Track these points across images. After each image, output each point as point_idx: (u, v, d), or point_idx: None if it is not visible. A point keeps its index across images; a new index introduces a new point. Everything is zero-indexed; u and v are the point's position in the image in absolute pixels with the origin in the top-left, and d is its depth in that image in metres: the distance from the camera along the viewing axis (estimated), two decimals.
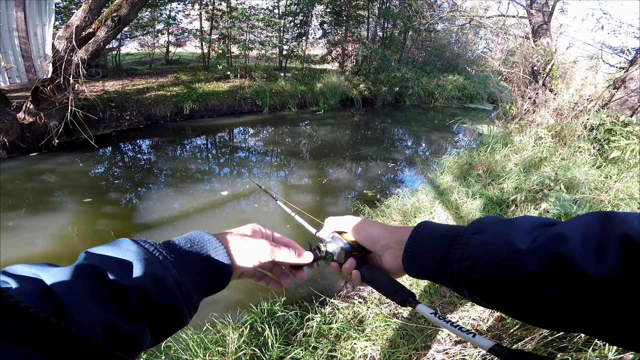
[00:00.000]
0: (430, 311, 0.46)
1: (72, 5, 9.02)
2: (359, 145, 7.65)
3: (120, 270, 0.37)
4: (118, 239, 0.42)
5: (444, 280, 0.45)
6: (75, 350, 0.28)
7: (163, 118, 8.08)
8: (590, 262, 0.32)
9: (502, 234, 0.40)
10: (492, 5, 14.93)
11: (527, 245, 0.37)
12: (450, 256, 0.44)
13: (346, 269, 0.57)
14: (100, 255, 0.39)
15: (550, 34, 6.77)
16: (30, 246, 3.30)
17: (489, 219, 0.44)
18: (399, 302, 0.50)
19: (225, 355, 1.92)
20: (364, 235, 0.56)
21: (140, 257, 0.40)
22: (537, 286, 0.35)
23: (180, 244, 0.46)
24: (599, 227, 0.34)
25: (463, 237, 0.44)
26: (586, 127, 4.65)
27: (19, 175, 4.82)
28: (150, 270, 0.39)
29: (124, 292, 0.36)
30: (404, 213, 3.55)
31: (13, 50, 4.92)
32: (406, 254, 0.49)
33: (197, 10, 11.45)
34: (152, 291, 0.37)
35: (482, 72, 18.30)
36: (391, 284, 0.52)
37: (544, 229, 0.38)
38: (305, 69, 12.56)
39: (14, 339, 0.25)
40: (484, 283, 0.40)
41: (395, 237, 0.53)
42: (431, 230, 0.49)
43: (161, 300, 0.38)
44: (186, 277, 0.42)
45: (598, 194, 3.16)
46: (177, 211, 4.18)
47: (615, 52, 6.46)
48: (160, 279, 0.39)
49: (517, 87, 6.61)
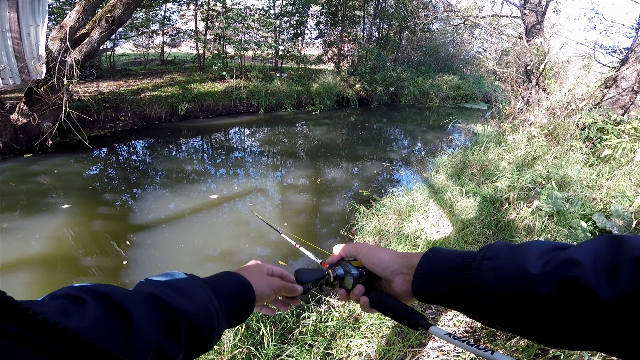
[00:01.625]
0: (445, 332, 0.47)
1: (65, 6, 8.97)
2: (355, 145, 7.68)
3: (181, 298, 0.43)
4: (171, 271, 0.50)
5: (456, 305, 0.47)
6: (76, 352, 0.28)
7: (158, 119, 8.05)
8: (604, 284, 0.33)
9: (514, 260, 0.42)
10: (486, 5, 15.02)
11: (538, 270, 0.38)
12: (462, 281, 0.45)
13: (354, 295, 0.58)
14: (161, 282, 0.45)
15: (543, 34, 6.83)
16: (25, 248, 3.28)
17: (499, 245, 0.46)
18: (411, 326, 0.51)
19: (221, 353, 1.92)
20: (374, 261, 0.57)
21: (195, 289, 0.47)
22: (550, 309, 0.37)
23: (222, 282, 0.53)
24: (610, 251, 0.35)
25: (474, 263, 0.45)
26: (578, 126, 4.70)
27: (12, 177, 4.79)
28: (202, 302, 0.45)
29: (177, 319, 0.41)
30: (399, 212, 3.57)
31: (6, 51, 4.89)
32: (417, 279, 0.50)
33: (192, 11, 11.43)
34: (201, 320, 0.43)
35: (476, 71, 18.43)
36: (402, 308, 0.53)
37: (554, 253, 0.40)
38: (301, 69, 12.56)
39: (11, 339, 0.25)
40: (496, 307, 0.42)
41: (405, 263, 0.54)
42: (441, 256, 0.50)
43: (205, 328, 0.44)
44: (223, 310, 0.49)
45: (590, 192, 3.20)
46: (173, 212, 4.17)
47: (607, 52, 6.54)
48: (209, 310, 0.45)
49: (510, 86, 6.67)
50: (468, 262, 0.46)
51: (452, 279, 0.47)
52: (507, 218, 3.01)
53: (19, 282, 2.85)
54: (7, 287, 2.70)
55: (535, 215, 2.84)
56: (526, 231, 2.82)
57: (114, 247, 3.38)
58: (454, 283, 0.46)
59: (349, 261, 0.61)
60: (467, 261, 0.46)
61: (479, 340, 1.95)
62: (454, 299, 0.47)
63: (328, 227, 4.05)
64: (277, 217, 4.19)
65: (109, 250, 3.34)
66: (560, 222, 2.79)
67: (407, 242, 3.05)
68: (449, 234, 3.05)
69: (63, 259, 3.19)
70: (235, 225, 3.96)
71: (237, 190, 4.90)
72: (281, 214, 4.26)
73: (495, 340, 1.91)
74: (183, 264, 3.22)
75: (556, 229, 2.70)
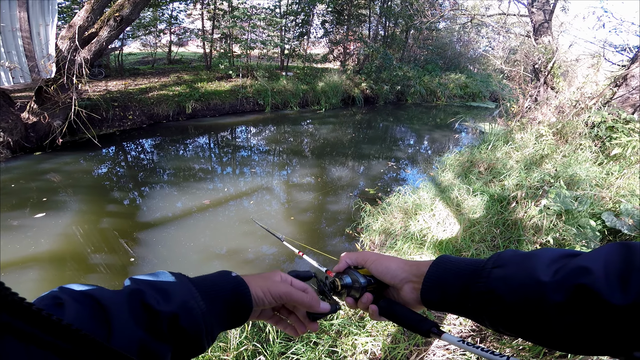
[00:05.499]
0: (458, 339, 0.47)
1: (74, 5, 9.07)
2: (361, 144, 7.66)
3: (158, 296, 0.43)
4: (158, 271, 0.49)
5: (466, 312, 0.47)
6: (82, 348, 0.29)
7: (165, 117, 8.12)
8: (616, 292, 0.33)
9: (524, 268, 0.42)
10: (493, 4, 14.90)
11: (549, 278, 0.39)
12: (472, 290, 0.45)
13: (362, 303, 0.57)
14: (144, 281, 0.45)
15: (551, 32, 6.75)
16: (34, 245, 3.33)
17: (508, 253, 0.46)
18: (423, 334, 0.51)
19: (227, 350, 1.94)
20: (382, 269, 0.57)
21: (176, 288, 0.45)
22: (561, 316, 0.37)
23: (210, 280, 0.51)
24: (621, 259, 0.36)
25: (484, 272, 0.45)
26: (587, 125, 4.64)
27: (23, 174, 4.86)
28: (183, 299, 0.44)
29: (159, 316, 0.41)
30: (405, 210, 3.56)
31: (17, 50, 4.96)
32: (426, 286, 0.51)
33: (198, 10, 11.49)
34: (181, 317, 0.42)
35: (484, 70, 18.28)
36: (412, 316, 0.53)
37: (565, 260, 0.40)
38: (306, 68, 12.57)
39: (15, 335, 0.25)
40: (507, 315, 0.42)
41: (414, 271, 0.54)
42: (450, 264, 0.50)
43: (186, 326, 0.43)
44: (212, 310, 0.47)
45: (599, 191, 3.16)
46: (180, 210, 4.20)
47: (616, 50, 6.44)
48: (189, 308, 0.44)
49: (518, 85, 6.61)
50: (478, 271, 0.46)
51: (462, 287, 0.47)
52: (515, 217, 2.99)
53: (29, 279, 2.89)
54: (17, 283, 2.75)
55: (543, 214, 2.81)
56: (534, 230, 2.79)
57: (122, 244, 3.42)
58: (463, 291, 0.46)
59: (355, 269, 0.60)
60: (477, 269, 0.46)
61: (486, 339, 1.94)
62: (463, 307, 0.47)
63: (334, 225, 4.05)
64: (283, 214, 4.20)
65: (117, 248, 3.38)
66: (568, 221, 2.76)
67: (413, 241, 3.04)
68: (455, 233, 3.03)
69: (71, 256, 3.23)
70: (241, 223, 3.97)
71: (244, 188, 4.92)
72: (287, 212, 4.27)
73: (502, 339, 1.90)
74: (190, 262, 3.24)
75: (564, 227, 2.67)
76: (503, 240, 2.84)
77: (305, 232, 3.83)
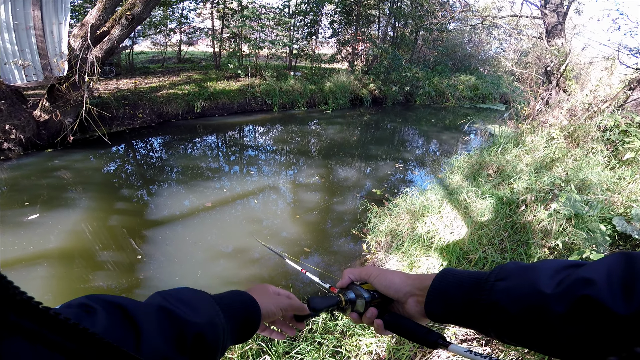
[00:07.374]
0: (465, 349, 0.48)
1: (87, 4, 9.19)
2: (368, 145, 7.64)
3: (188, 310, 0.44)
4: (180, 287, 0.51)
5: (470, 324, 0.48)
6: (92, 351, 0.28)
7: (175, 116, 8.18)
8: (620, 301, 0.34)
9: (526, 280, 0.43)
10: (505, 5, 14.74)
11: (552, 290, 0.39)
12: (475, 302, 0.46)
13: (367, 318, 0.58)
14: (172, 296, 0.46)
15: (564, 35, 6.66)
16: (44, 242, 3.38)
17: (511, 265, 0.47)
18: (430, 345, 0.51)
19: (232, 350, 1.94)
20: (386, 284, 0.58)
21: (203, 303, 0.48)
22: (565, 327, 0.37)
23: (227, 297, 0.54)
24: (624, 268, 0.36)
25: (487, 284, 0.46)
26: (600, 128, 4.56)
27: (34, 171, 4.94)
28: (209, 315, 0.46)
29: (185, 331, 0.42)
30: (412, 212, 3.54)
31: (30, 48, 5.04)
32: (430, 300, 0.52)
33: (208, 9, 11.57)
34: (207, 333, 0.44)
35: (494, 72, 18.08)
36: (418, 328, 0.53)
37: (567, 272, 0.41)
38: (314, 68, 12.57)
39: (24, 335, 0.25)
40: (511, 326, 0.43)
41: (417, 284, 0.55)
42: (453, 277, 0.51)
43: (210, 341, 0.45)
44: (228, 325, 0.49)
45: (610, 195, 3.10)
46: (187, 209, 4.23)
47: (631, 53, 6.33)
48: (215, 324, 0.46)
49: (530, 87, 6.52)
50: (481, 283, 0.47)
51: (465, 299, 0.47)
52: (524, 220, 2.95)
53: (38, 276, 2.93)
54: (26, 280, 2.79)
55: (552, 217, 2.77)
56: (543, 233, 2.75)
57: (130, 241, 3.45)
58: (467, 303, 0.47)
59: (359, 285, 0.61)
60: (480, 282, 0.47)
61: (491, 341, 1.91)
62: (467, 319, 0.48)
63: (339, 226, 4.04)
64: (289, 214, 4.21)
65: (125, 245, 3.41)
66: (578, 225, 2.72)
67: (420, 243, 3.02)
68: (463, 236, 3.01)
69: (80, 252, 3.27)
70: (248, 222, 3.99)
71: (251, 187, 4.94)
72: (292, 212, 4.28)
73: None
74: (197, 260, 3.26)
75: (574, 232, 2.63)
76: (511, 243, 2.81)
77: (310, 232, 3.83)
